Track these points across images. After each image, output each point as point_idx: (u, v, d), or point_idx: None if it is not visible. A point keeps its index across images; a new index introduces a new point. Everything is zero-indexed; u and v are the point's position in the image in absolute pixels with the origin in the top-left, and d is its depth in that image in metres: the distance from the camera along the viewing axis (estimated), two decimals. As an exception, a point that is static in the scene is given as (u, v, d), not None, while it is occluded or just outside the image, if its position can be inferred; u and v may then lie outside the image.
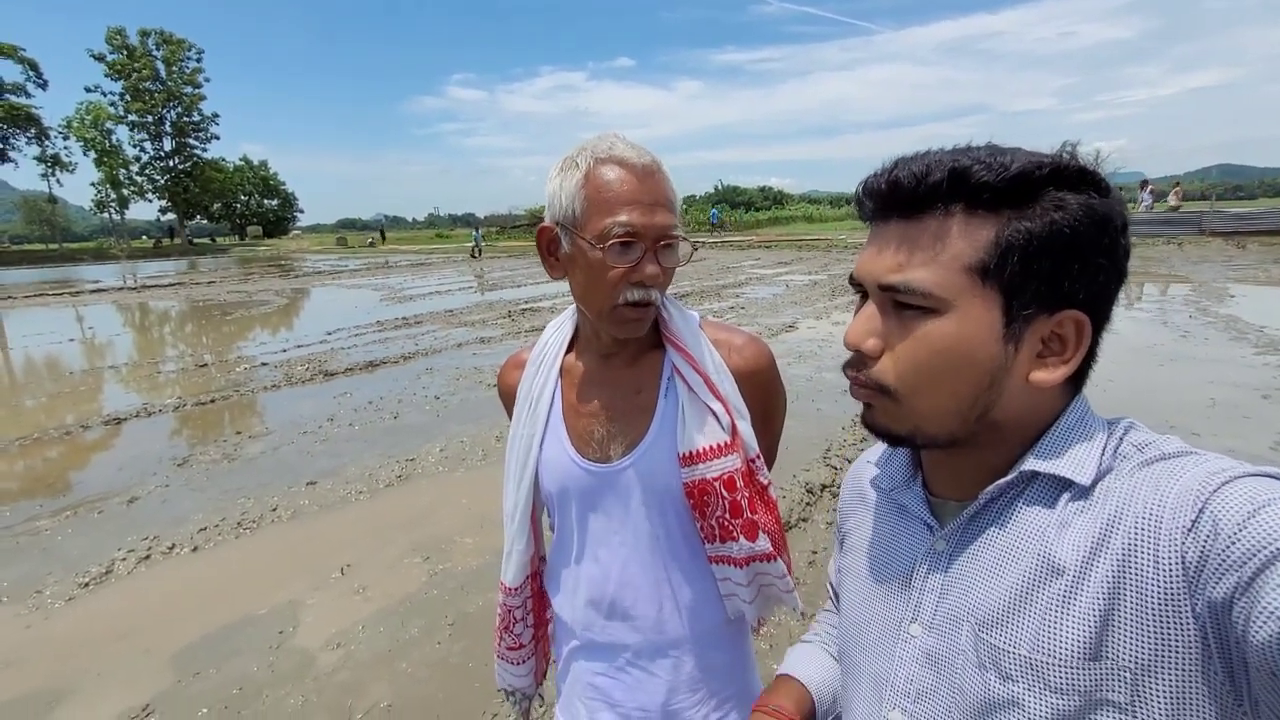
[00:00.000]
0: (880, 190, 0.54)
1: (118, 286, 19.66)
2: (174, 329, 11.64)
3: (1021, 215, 0.49)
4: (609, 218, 0.80)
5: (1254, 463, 0.47)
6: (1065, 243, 0.49)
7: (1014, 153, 0.50)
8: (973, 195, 0.50)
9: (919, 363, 0.53)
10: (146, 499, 4.00)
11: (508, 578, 1.01)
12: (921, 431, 0.55)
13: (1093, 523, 0.49)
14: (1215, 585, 0.42)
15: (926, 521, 0.60)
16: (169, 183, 53.86)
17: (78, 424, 5.54)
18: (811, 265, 17.88)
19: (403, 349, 8.14)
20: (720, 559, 0.91)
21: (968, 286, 0.51)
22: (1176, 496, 0.46)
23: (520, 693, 1.11)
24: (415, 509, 3.72)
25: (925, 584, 0.59)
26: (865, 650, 0.64)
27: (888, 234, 0.54)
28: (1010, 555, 0.53)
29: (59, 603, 2.93)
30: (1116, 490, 0.50)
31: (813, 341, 7.58)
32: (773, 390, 0.97)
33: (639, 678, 0.95)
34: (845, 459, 4.00)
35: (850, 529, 0.74)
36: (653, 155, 0.84)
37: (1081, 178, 0.50)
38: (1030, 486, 0.54)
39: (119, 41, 50.19)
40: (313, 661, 2.48)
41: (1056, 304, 0.51)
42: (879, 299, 0.55)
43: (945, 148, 0.54)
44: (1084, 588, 0.48)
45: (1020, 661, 0.50)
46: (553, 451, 0.94)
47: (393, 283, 17.83)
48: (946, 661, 0.55)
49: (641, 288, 0.82)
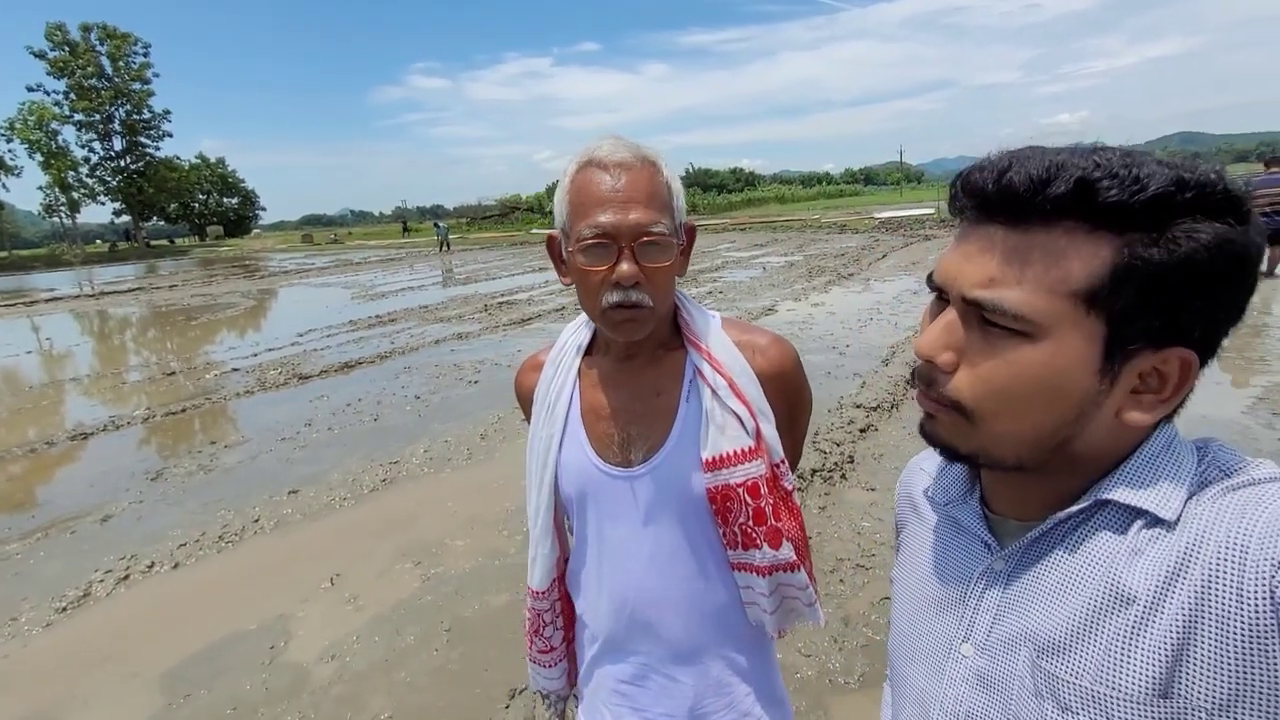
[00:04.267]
0: (985, 190, 0.48)
1: (74, 294, 18.93)
2: (137, 336, 11.27)
3: (1148, 241, 0.44)
4: (583, 221, 0.79)
5: (1230, 426, 0.44)
6: (1191, 277, 0.44)
7: (1149, 164, 0.44)
8: (1097, 213, 0.44)
9: (1001, 388, 0.48)
10: (121, 516, 3.87)
11: (534, 581, 1.00)
12: (987, 453, 0.52)
13: (1169, 551, 0.46)
14: None
15: (984, 539, 0.57)
16: (121, 184, 51.80)
17: (42, 440, 5.33)
18: (787, 246, 17.97)
19: (378, 348, 7.99)
20: (743, 566, 0.89)
21: (1069, 314, 0.45)
22: (1265, 525, 0.42)
23: (555, 695, 1.10)
24: (402, 513, 3.65)
25: (980, 604, 0.56)
26: (914, 666, 0.62)
27: (985, 239, 0.48)
28: (1076, 580, 0.50)
29: (36, 629, 2.82)
30: (1196, 517, 0.46)
31: (792, 324, 7.60)
32: (799, 392, 0.95)
33: (664, 684, 0.94)
34: (833, 442, 4.03)
35: (904, 540, 0.71)
36: (637, 152, 0.81)
37: (1224, 205, 0.44)
38: (1103, 511, 0.51)
39: (60, 37, 47.88)
40: (307, 676, 2.42)
41: (1166, 340, 0.46)
42: (962, 310, 0.50)
43: (1066, 146, 0.47)
44: (1156, 620, 0.45)
45: (1082, 693, 0.47)
46: (572, 454, 0.92)
47: (363, 280, 17.47)
48: (1000, 685, 0.53)
49: (620, 289, 0.79)
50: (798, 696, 2.13)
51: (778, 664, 1.04)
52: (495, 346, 7.69)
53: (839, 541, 3.00)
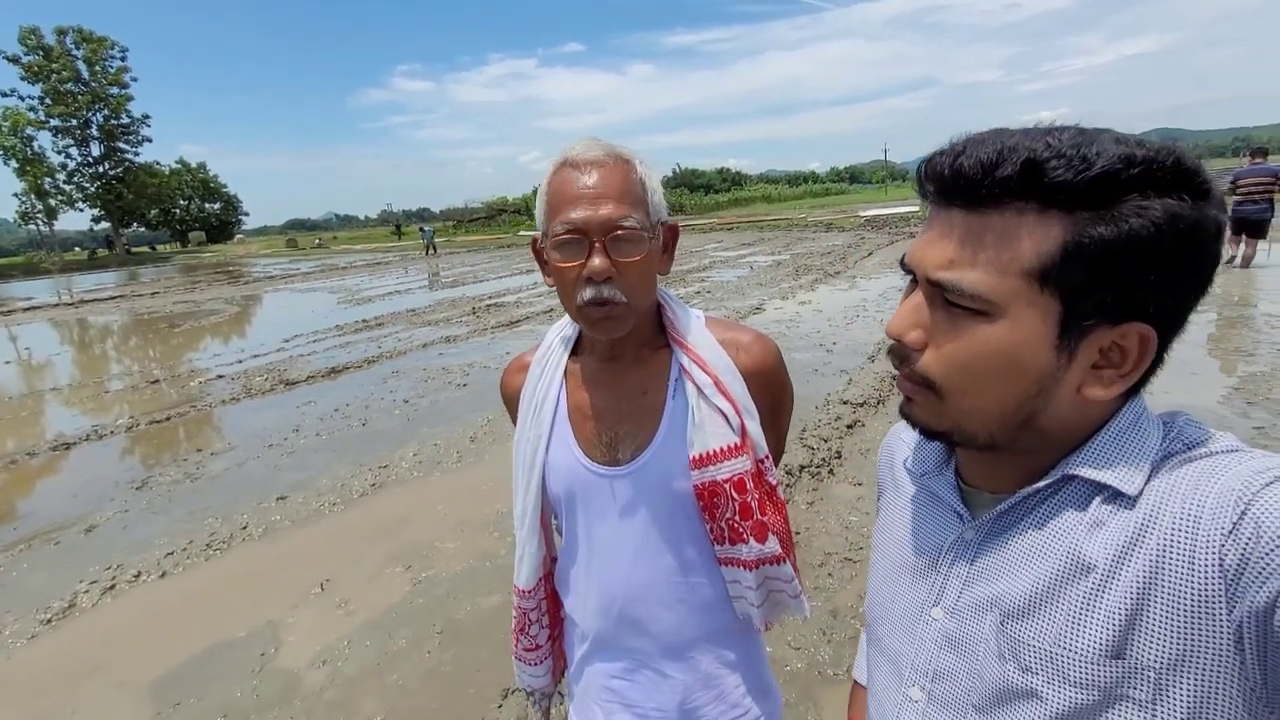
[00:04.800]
0: (942, 175, 0.49)
1: (53, 303, 18.64)
2: (118, 344, 11.10)
3: (1097, 219, 0.45)
4: (555, 218, 0.81)
5: (1206, 415, 0.46)
6: (1141, 254, 0.44)
7: (1101, 143, 0.45)
8: (1046, 193, 0.45)
9: (964, 364, 0.50)
10: (105, 526, 3.82)
11: (521, 581, 1.01)
12: (961, 430, 0.54)
13: (1127, 522, 0.48)
14: (1257, 591, 0.41)
15: (957, 510, 0.60)
16: (100, 190, 50.91)
17: (22, 451, 5.25)
18: (774, 245, 18.05)
19: (366, 352, 7.93)
20: (729, 561, 0.91)
21: (1023, 292, 0.47)
22: (1217, 496, 0.44)
23: (540, 692, 1.11)
24: (392, 517, 3.64)
25: (951, 570, 0.59)
26: (889, 627, 0.65)
27: (946, 223, 0.50)
28: (1040, 550, 0.52)
29: (21, 641, 2.79)
30: (1154, 489, 0.48)
31: (780, 323, 7.65)
32: (781, 388, 0.97)
33: (654, 679, 0.95)
34: (821, 438, 4.07)
35: (882, 506, 0.74)
36: (610, 150, 0.83)
37: (1178, 179, 0.44)
38: (1070, 485, 0.53)
39: (34, 41, 46.99)
40: (298, 682, 2.41)
41: (1122, 315, 0.47)
42: (927, 291, 0.52)
43: (1024, 128, 0.48)
44: (1112, 586, 0.47)
45: (1041, 655, 0.50)
46: (559, 454, 0.93)
47: (349, 284, 17.33)
48: (967, 647, 0.56)
49: (592, 284, 0.80)
50: (788, 688, 2.15)
51: (766, 655, 1.06)
52: (484, 349, 7.66)
53: (827, 536, 3.03)
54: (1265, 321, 6.02)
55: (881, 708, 0.64)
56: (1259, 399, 4.17)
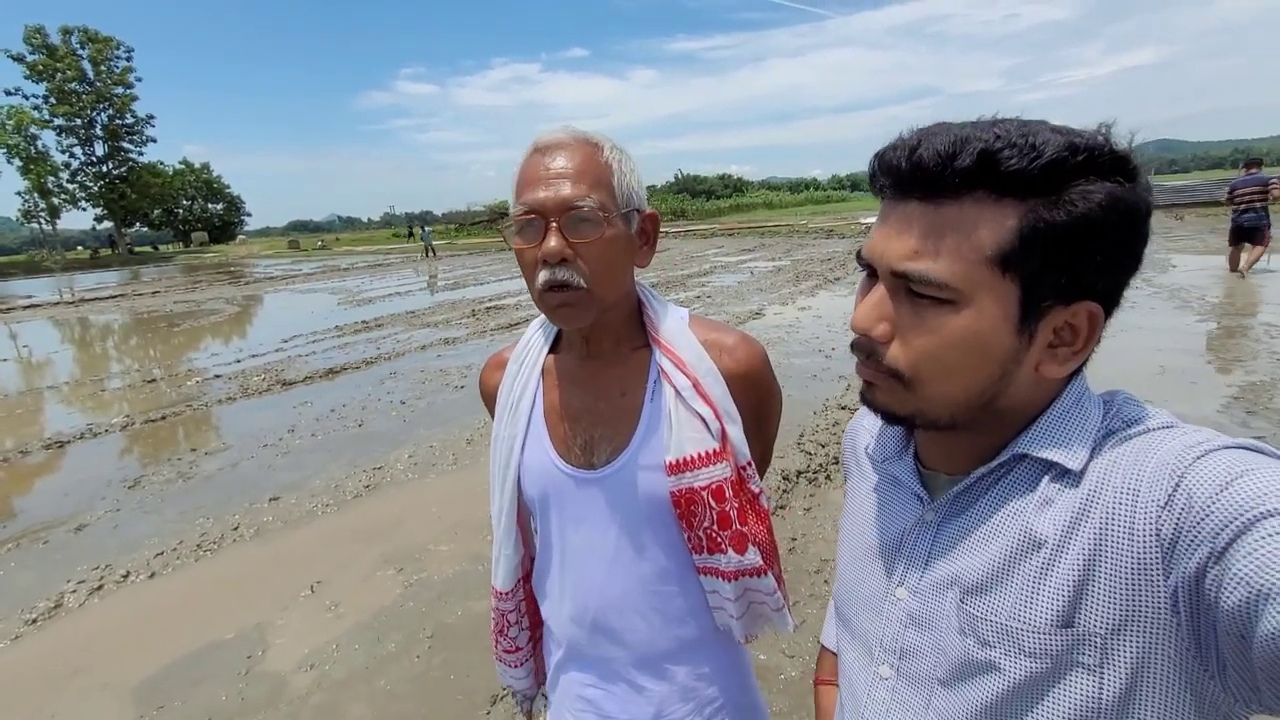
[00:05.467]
0: (899, 168, 0.50)
1: (53, 301, 18.61)
2: (118, 343, 11.09)
3: (1049, 205, 0.47)
4: (517, 201, 0.79)
5: (1205, 424, 0.47)
6: (1089, 235, 0.47)
7: (1043, 133, 0.47)
8: (1001, 182, 0.47)
9: (932, 354, 0.51)
10: (96, 525, 3.79)
11: (498, 582, 0.98)
12: (923, 414, 0.55)
13: (1074, 498, 0.50)
14: (1189, 558, 0.43)
15: (917, 493, 0.61)
16: (103, 189, 50.93)
17: (16, 449, 5.22)
18: (774, 251, 18.05)
19: (364, 353, 7.92)
20: (708, 570, 0.88)
21: (986, 279, 0.49)
22: (1154, 470, 0.46)
23: (522, 694, 1.09)
24: (385, 519, 3.61)
25: (914, 552, 0.60)
26: (857, 609, 0.66)
27: (904, 215, 0.51)
28: (995, 529, 0.54)
29: (4, 642, 2.75)
30: (1098, 466, 0.50)
31: (780, 328, 7.63)
32: (767, 392, 0.93)
33: (628, 690, 0.92)
34: (818, 443, 4.04)
35: (848, 491, 0.75)
36: (576, 134, 0.80)
37: (1114, 164, 0.47)
38: (1019, 465, 0.55)
39: (39, 41, 47.13)
40: (285, 685, 2.38)
41: (1073, 295, 0.50)
42: (890, 284, 0.53)
43: (970, 121, 0.50)
44: (1061, 560, 0.49)
45: (998, 629, 0.52)
46: (534, 455, 0.90)
47: (350, 285, 17.33)
48: (930, 624, 0.57)
49: (547, 266, 0.77)
50: (782, 697, 2.12)
51: (750, 668, 1.02)
52: (482, 352, 7.64)
53: (824, 543, 3.00)
54: (1265, 331, 6.00)
55: (853, 686, 0.66)
56: (1259, 408, 4.14)
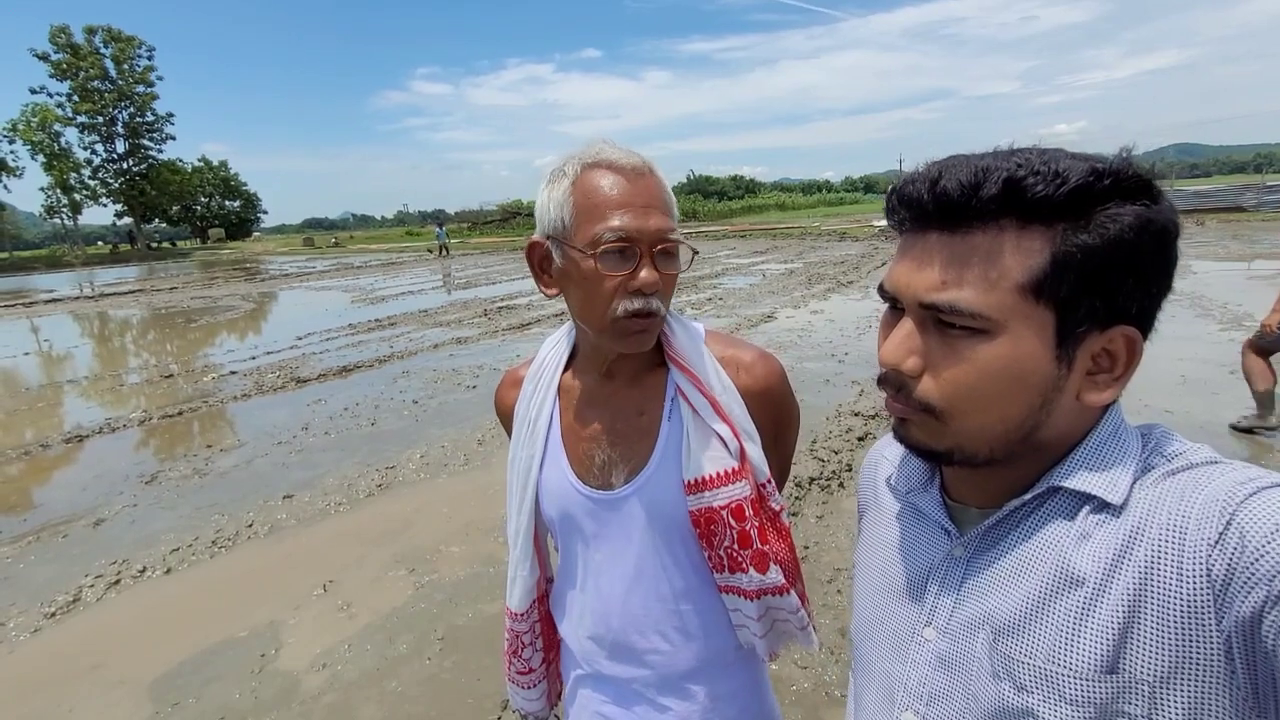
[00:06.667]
0: (921, 200, 0.50)
1: (74, 295, 18.90)
2: (136, 338, 11.24)
3: (1077, 229, 0.46)
4: (600, 224, 0.75)
5: (1226, 437, 0.45)
6: (1122, 258, 0.46)
7: (1064, 159, 0.47)
8: (1027, 209, 0.46)
9: (967, 384, 0.50)
10: (114, 520, 3.84)
11: (513, 603, 0.98)
12: (962, 450, 0.53)
13: (1115, 534, 0.48)
14: (1243, 599, 0.41)
15: (945, 526, 0.59)
16: (123, 186, 51.74)
17: (37, 443, 5.30)
18: (786, 254, 17.97)
19: (377, 352, 7.96)
20: (730, 589, 0.87)
21: (1019, 306, 0.47)
22: (1202, 507, 0.44)
23: (534, 716, 1.08)
24: (397, 519, 3.63)
25: (942, 589, 0.57)
26: (878, 649, 0.63)
27: (927, 247, 0.50)
28: (1029, 564, 0.52)
29: (24, 635, 2.79)
30: (1140, 501, 0.48)
31: (792, 331, 7.59)
32: (785, 409, 0.92)
33: (649, 709, 0.92)
34: (831, 450, 4.01)
35: (865, 525, 0.72)
36: (644, 158, 0.79)
37: (1138, 187, 0.47)
38: (1055, 497, 0.52)
39: (63, 40, 47.95)
40: (297, 685, 2.39)
41: (1109, 320, 0.49)
42: (918, 316, 0.51)
43: (985, 152, 0.50)
44: (1104, 600, 0.47)
45: (1036, 672, 0.49)
46: (552, 475, 0.90)
47: (363, 283, 17.46)
48: (961, 667, 0.54)
49: (641, 296, 0.76)
50: (794, 709, 2.10)
51: (769, 684, 1.01)
52: (494, 351, 7.66)
53: (836, 551, 2.97)
54: (1291, 341, 5.88)
55: None
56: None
